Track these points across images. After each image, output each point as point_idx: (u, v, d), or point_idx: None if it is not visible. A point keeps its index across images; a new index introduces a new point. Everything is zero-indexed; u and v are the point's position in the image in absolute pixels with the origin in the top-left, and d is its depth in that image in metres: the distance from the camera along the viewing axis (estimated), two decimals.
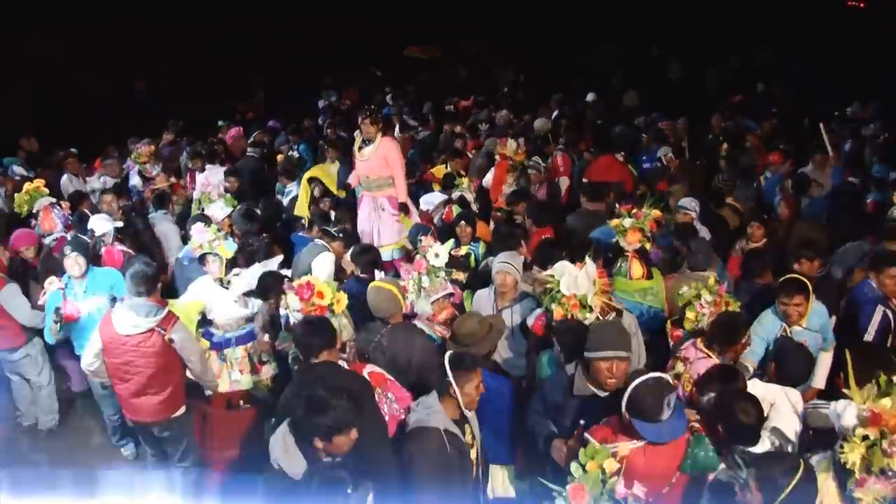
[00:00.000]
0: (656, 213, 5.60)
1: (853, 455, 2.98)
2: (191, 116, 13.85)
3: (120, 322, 4.64)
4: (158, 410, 4.83)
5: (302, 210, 7.78)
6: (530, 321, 4.81)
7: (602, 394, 3.87)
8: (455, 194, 8.16)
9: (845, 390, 3.25)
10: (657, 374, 3.55)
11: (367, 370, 4.17)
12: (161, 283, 5.13)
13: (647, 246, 5.54)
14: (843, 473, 3.12)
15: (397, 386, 4.14)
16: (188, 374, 4.97)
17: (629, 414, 3.42)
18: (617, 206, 5.94)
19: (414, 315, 5.05)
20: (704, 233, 6.69)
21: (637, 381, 3.47)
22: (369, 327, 4.74)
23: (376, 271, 5.48)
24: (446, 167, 9.14)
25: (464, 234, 6.63)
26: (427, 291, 5.06)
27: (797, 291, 4.82)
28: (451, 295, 5.20)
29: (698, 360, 4.34)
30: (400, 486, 3.66)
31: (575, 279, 4.34)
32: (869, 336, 5.17)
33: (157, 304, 4.71)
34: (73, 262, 5.40)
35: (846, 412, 3.22)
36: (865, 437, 2.99)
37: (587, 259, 4.56)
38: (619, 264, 5.44)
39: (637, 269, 5.40)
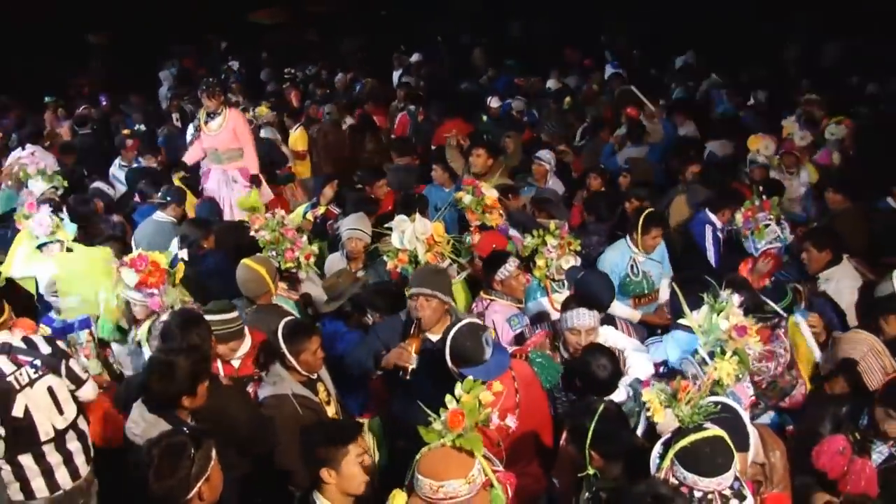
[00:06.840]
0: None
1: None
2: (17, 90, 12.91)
3: None
4: None
5: None
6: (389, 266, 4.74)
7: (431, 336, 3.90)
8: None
9: (683, 321, 3.49)
10: (468, 319, 3.59)
11: None
12: None
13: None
14: None
15: None
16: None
17: (455, 366, 3.42)
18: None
19: None
20: (558, 185, 7.19)
21: (452, 330, 3.48)
22: (238, 305, 4.46)
23: None
24: None
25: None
26: None
27: (657, 224, 5.29)
28: None
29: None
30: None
31: (404, 234, 4.41)
32: (710, 254, 5.75)
33: None
34: None
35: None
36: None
37: (417, 216, 4.58)
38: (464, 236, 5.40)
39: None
